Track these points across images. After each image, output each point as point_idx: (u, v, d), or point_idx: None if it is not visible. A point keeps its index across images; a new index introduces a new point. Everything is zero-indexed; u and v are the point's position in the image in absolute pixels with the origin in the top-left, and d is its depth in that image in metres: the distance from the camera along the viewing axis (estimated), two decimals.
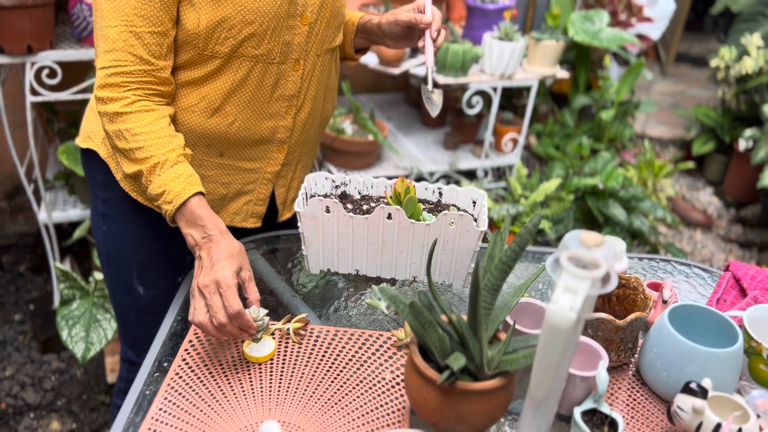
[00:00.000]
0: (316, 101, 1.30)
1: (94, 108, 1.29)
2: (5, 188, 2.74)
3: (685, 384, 0.90)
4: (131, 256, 1.32)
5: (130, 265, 1.33)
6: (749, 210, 3.68)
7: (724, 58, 3.68)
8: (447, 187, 1.26)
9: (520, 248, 0.83)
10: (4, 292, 2.56)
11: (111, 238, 1.32)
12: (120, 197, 1.28)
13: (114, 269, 1.35)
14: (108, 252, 1.34)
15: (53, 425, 2.05)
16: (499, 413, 0.85)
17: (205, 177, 1.26)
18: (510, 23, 2.40)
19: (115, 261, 1.34)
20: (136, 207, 1.28)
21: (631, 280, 1.11)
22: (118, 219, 1.30)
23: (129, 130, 1.07)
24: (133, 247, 1.32)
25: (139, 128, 1.07)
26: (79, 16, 1.99)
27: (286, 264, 1.33)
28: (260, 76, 1.17)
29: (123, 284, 1.35)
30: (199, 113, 1.18)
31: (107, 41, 1.06)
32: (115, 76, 1.07)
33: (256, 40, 1.12)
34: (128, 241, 1.31)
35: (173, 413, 0.93)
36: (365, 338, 1.11)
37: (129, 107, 1.08)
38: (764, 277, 1.22)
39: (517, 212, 2.48)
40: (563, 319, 0.69)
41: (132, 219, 1.30)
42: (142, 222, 1.29)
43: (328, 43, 1.25)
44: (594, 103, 3.10)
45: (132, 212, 1.29)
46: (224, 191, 1.29)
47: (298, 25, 1.16)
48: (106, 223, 1.32)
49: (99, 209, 1.32)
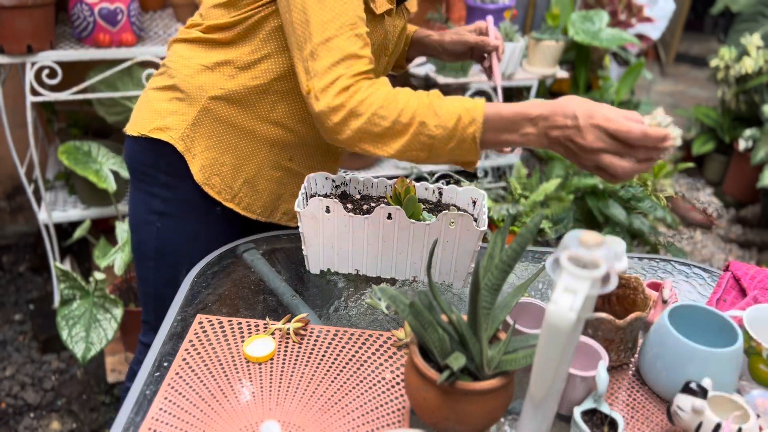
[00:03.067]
0: None
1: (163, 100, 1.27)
2: (5, 188, 2.74)
3: (685, 384, 0.90)
4: (184, 252, 1.35)
5: (181, 259, 1.35)
6: (749, 210, 3.68)
7: (724, 58, 3.68)
8: (447, 187, 1.26)
9: (521, 248, 0.83)
10: (4, 292, 2.56)
11: (165, 236, 1.35)
12: (183, 198, 1.31)
13: (162, 264, 1.37)
14: (159, 247, 1.36)
15: (53, 425, 2.05)
16: (499, 413, 0.85)
17: (270, 177, 1.31)
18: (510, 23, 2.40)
19: (167, 256, 1.36)
20: (200, 208, 1.31)
21: (631, 280, 1.11)
22: (176, 216, 1.33)
23: (378, 110, 1.01)
24: (187, 244, 1.35)
25: (384, 101, 1.01)
26: (79, 16, 1.99)
27: (286, 264, 1.33)
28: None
29: (169, 277, 1.37)
30: (292, 117, 1.25)
31: (337, 51, 1.01)
32: (345, 79, 1.01)
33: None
34: (184, 238, 1.35)
35: (173, 413, 0.93)
36: (365, 338, 1.11)
37: (364, 93, 1.01)
38: (764, 277, 1.22)
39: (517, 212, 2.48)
40: (563, 319, 0.69)
41: (191, 218, 1.33)
42: (203, 222, 1.33)
43: (390, 66, 1.35)
44: None
45: (195, 213, 1.32)
46: (282, 191, 1.34)
47: (383, 56, 1.24)
48: (161, 220, 1.34)
49: (155, 207, 1.33)
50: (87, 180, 2.15)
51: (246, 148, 1.27)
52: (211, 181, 1.28)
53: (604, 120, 0.92)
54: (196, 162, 1.26)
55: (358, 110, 1.01)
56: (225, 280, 1.27)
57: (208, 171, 1.27)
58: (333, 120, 1.02)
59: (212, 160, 1.26)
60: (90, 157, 2.14)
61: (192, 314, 1.14)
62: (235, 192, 1.30)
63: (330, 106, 1.01)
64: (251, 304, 1.19)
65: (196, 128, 1.24)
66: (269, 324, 1.11)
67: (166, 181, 1.30)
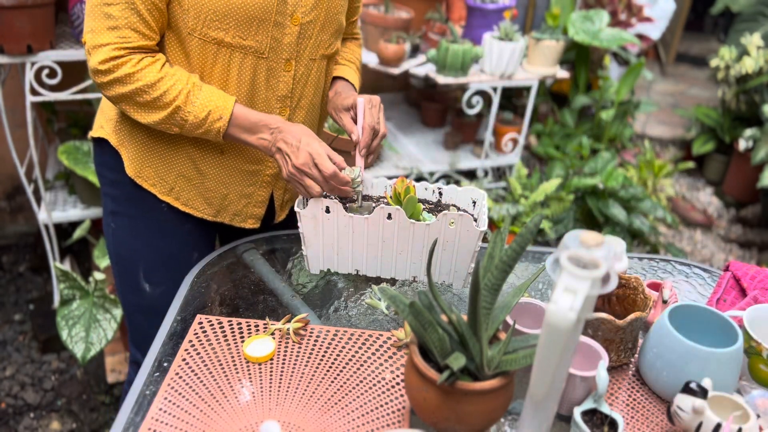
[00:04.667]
0: (313, 107, 1.32)
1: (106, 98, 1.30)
2: (5, 188, 2.74)
3: (685, 384, 0.90)
4: (138, 254, 1.34)
5: (136, 262, 1.35)
6: (749, 210, 3.68)
7: (724, 58, 3.68)
8: (447, 187, 1.26)
9: (521, 248, 0.83)
10: (4, 292, 2.56)
11: (119, 236, 1.34)
12: (128, 195, 1.30)
13: (122, 267, 1.37)
14: (116, 250, 1.36)
15: (53, 425, 2.05)
16: (499, 413, 0.85)
17: (207, 174, 1.28)
18: (510, 23, 2.39)
19: (123, 259, 1.36)
20: (145, 205, 1.30)
21: (631, 280, 1.11)
22: (126, 216, 1.33)
23: (147, 84, 1.11)
24: (140, 245, 1.34)
25: (154, 78, 1.12)
26: (79, 16, 1.98)
27: (286, 264, 1.33)
28: (252, 70, 1.19)
29: (130, 283, 1.37)
30: None
31: (109, 18, 1.08)
32: (120, 50, 1.10)
33: (242, 29, 1.14)
34: (136, 239, 1.33)
35: (173, 413, 0.93)
36: (365, 338, 1.11)
37: (137, 65, 1.11)
38: (764, 277, 1.22)
39: (517, 212, 2.48)
40: (563, 319, 0.69)
41: (140, 216, 1.32)
42: (150, 219, 1.32)
43: (323, 49, 1.26)
44: (594, 103, 3.10)
45: (140, 210, 1.31)
46: (225, 191, 1.30)
47: (287, 24, 1.18)
48: (114, 220, 1.34)
49: (108, 207, 1.35)
50: (87, 180, 2.15)
51: (170, 138, 1.25)
52: (143, 173, 1.28)
53: (315, 151, 1.13)
54: (127, 154, 1.27)
55: (123, 80, 1.11)
56: (225, 280, 1.27)
57: (138, 163, 1.27)
58: (100, 79, 1.12)
59: (141, 150, 1.26)
60: (90, 157, 2.14)
61: (192, 314, 1.14)
62: (171, 185, 1.29)
63: (97, 68, 1.10)
64: (251, 304, 1.19)
65: (124, 119, 1.26)
66: (269, 324, 1.11)
67: (112, 178, 1.32)
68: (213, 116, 1.14)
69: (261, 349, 1.05)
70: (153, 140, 1.25)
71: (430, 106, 2.91)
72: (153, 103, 1.13)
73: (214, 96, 1.14)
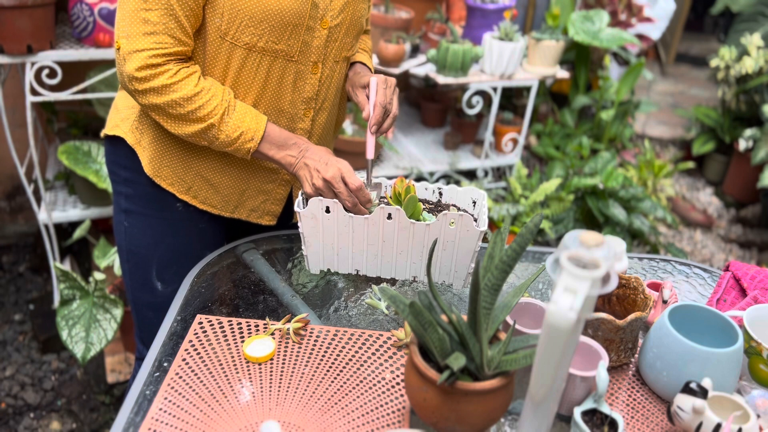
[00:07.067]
0: (333, 107, 1.34)
1: (122, 97, 1.32)
2: (5, 188, 2.74)
3: (685, 384, 0.90)
4: (151, 252, 1.35)
5: (149, 260, 1.35)
6: (749, 210, 3.68)
7: (724, 58, 3.68)
8: (447, 187, 1.26)
9: (521, 248, 0.83)
10: (4, 292, 2.56)
11: (132, 234, 1.35)
12: (142, 194, 1.31)
13: (134, 265, 1.37)
14: (129, 248, 1.36)
15: (53, 425, 2.05)
16: (499, 413, 0.85)
17: (227, 171, 1.29)
18: (510, 23, 2.39)
19: (135, 257, 1.36)
20: (159, 204, 1.31)
21: (631, 280, 1.11)
22: (139, 215, 1.33)
23: (182, 97, 1.12)
24: (153, 243, 1.34)
25: (191, 92, 1.13)
26: (79, 16, 1.99)
27: (286, 264, 1.33)
28: (280, 73, 1.20)
29: (142, 280, 1.37)
30: None
31: (147, 24, 1.09)
32: (157, 57, 1.10)
33: (276, 34, 1.15)
34: (149, 237, 1.34)
35: (173, 413, 0.93)
36: (365, 338, 1.11)
37: (174, 77, 1.12)
38: (764, 277, 1.22)
39: (517, 212, 2.48)
40: (563, 319, 0.69)
41: (153, 215, 1.32)
42: (163, 218, 1.32)
43: (346, 51, 1.29)
44: (594, 103, 3.10)
45: (154, 209, 1.32)
46: (244, 186, 1.32)
47: (318, 27, 1.19)
48: (127, 219, 1.34)
49: (121, 205, 1.35)
50: (87, 180, 2.15)
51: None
52: (161, 173, 1.28)
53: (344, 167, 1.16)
54: (145, 154, 1.27)
55: (159, 90, 1.12)
56: (225, 280, 1.27)
57: (157, 162, 1.27)
58: (136, 86, 1.12)
59: (160, 151, 1.26)
60: (90, 157, 2.15)
61: (192, 314, 1.14)
62: (189, 184, 1.29)
63: (134, 75, 1.10)
64: (251, 304, 1.19)
65: (143, 120, 1.26)
66: (269, 324, 1.11)
67: (126, 177, 1.32)
68: (245, 137, 1.16)
69: (261, 349, 1.05)
70: (172, 141, 1.25)
71: (430, 106, 2.91)
72: (186, 116, 1.14)
73: (247, 117, 1.16)
